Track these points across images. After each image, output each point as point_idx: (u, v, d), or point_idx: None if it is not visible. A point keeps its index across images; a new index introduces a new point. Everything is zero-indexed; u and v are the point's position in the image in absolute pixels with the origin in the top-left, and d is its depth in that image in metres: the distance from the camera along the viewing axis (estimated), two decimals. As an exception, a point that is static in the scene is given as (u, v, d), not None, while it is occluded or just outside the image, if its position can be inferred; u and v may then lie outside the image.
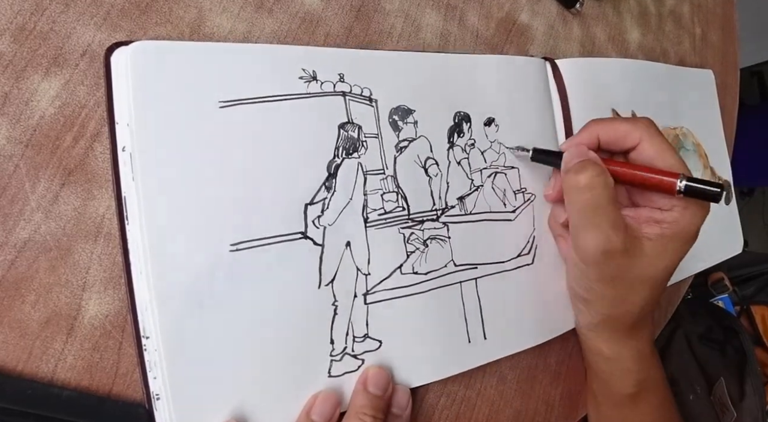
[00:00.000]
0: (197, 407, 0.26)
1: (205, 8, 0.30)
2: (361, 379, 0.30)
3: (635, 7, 0.55)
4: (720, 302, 0.95)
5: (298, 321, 0.29)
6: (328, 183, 0.30)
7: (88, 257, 0.26)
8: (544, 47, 0.45)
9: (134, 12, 0.28)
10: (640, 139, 0.34)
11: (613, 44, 0.52)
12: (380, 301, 0.32)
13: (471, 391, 0.36)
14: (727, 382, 0.77)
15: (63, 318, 0.25)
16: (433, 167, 0.35)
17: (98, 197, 0.26)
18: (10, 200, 0.24)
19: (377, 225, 0.32)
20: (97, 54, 0.26)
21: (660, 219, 0.34)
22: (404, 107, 0.34)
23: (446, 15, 0.39)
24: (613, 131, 0.35)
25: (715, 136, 0.59)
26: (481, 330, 0.35)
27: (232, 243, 0.27)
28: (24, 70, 0.25)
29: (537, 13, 0.46)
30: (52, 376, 0.24)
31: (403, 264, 0.32)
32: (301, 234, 0.29)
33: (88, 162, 0.26)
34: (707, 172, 0.57)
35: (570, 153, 0.34)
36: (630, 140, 0.34)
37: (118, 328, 0.26)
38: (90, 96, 0.26)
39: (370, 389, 0.30)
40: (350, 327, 0.30)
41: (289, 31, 0.32)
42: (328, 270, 0.30)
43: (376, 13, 0.36)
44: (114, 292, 0.26)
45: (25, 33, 0.25)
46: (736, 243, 0.59)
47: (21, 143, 0.25)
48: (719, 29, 0.66)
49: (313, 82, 0.30)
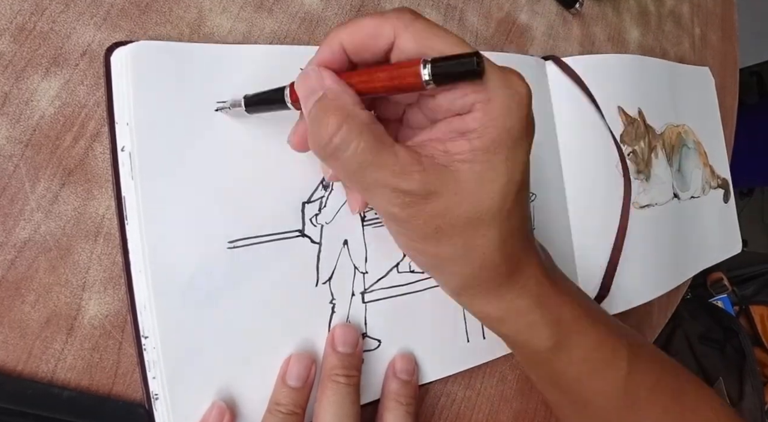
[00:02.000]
0: (195, 407, 0.26)
1: (205, 8, 0.30)
2: (328, 340, 0.29)
3: (635, 7, 0.55)
4: (719, 302, 0.95)
5: (295, 319, 0.29)
6: (326, 181, 0.30)
7: (87, 257, 0.26)
8: (544, 47, 0.45)
9: (134, 12, 0.28)
10: (394, 34, 0.24)
11: (613, 44, 0.52)
12: (378, 300, 0.32)
13: (471, 391, 0.37)
14: (726, 382, 0.77)
15: (63, 318, 0.25)
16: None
17: (98, 197, 0.26)
18: (10, 200, 0.24)
19: (374, 223, 0.32)
20: (96, 54, 0.27)
21: (463, 129, 0.24)
22: (404, 107, 0.34)
23: (446, 15, 0.40)
24: (357, 32, 0.25)
25: (715, 135, 0.59)
26: (480, 330, 0.35)
27: (230, 241, 0.27)
28: (24, 70, 0.25)
29: (537, 13, 0.46)
30: (52, 376, 0.24)
31: (400, 262, 0.33)
32: (298, 232, 0.29)
33: (87, 162, 0.26)
34: (707, 169, 0.57)
35: (301, 86, 0.25)
36: (383, 39, 0.24)
37: (118, 328, 0.26)
38: (90, 96, 0.26)
39: (339, 348, 0.29)
40: (349, 326, 0.30)
41: (288, 31, 0.32)
42: (326, 268, 0.30)
43: (376, 13, 0.36)
44: (114, 292, 0.26)
45: (25, 33, 0.25)
46: (735, 243, 0.59)
47: (21, 143, 0.25)
48: (719, 29, 0.66)
49: None
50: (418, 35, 0.23)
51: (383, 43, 0.24)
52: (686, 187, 0.53)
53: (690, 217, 0.53)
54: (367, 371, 0.31)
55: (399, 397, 0.31)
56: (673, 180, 0.51)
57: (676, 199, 0.51)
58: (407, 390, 0.31)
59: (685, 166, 0.54)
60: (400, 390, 0.31)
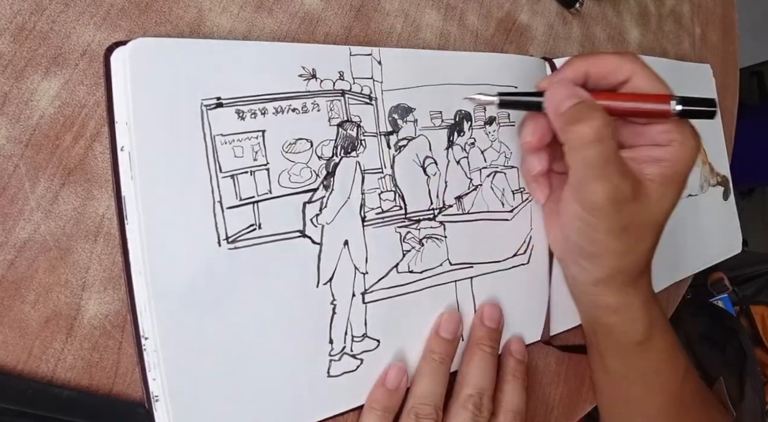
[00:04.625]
0: (195, 409, 0.26)
1: (205, 8, 0.30)
2: (478, 315, 0.35)
3: (635, 7, 0.55)
4: (720, 302, 0.95)
5: (296, 320, 0.29)
6: (326, 181, 0.30)
7: (87, 257, 0.26)
8: (544, 47, 0.45)
9: (134, 12, 0.28)
10: (631, 73, 0.32)
11: (613, 44, 0.52)
12: (378, 300, 0.32)
13: (470, 391, 0.36)
14: (726, 382, 0.77)
15: (63, 318, 0.25)
16: (431, 166, 0.35)
17: (98, 197, 0.26)
18: (9, 200, 0.24)
19: (374, 224, 0.32)
20: (96, 54, 0.27)
21: (659, 158, 0.32)
22: (404, 105, 0.34)
23: (446, 15, 0.40)
24: (602, 65, 0.32)
25: (714, 131, 0.59)
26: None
27: (230, 242, 0.27)
28: (24, 70, 0.25)
29: (537, 13, 0.46)
30: (52, 376, 0.24)
31: (399, 263, 0.33)
32: (299, 232, 0.29)
33: (87, 162, 0.26)
34: (706, 167, 0.57)
35: (558, 92, 0.31)
36: (621, 74, 0.32)
37: (118, 328, 0.26)
38: (90, 96, 0.26)
39: (487, 322, 0.34)
40: (349, 326, 0.30)
41: (288, 31, 0.32)
42: (327, 269, 0.30)
43: (376, 13, 0.36)
44: (114, 292, 0.26)
45: (25, 33, 0.25)
46: (735, 243, 0.59)
47: (21, 143, 0.25)
48: (719, 29, 0.66)
49: (313, 79, 0.30)
50: (652, 80, 0.32)
51: (621, 78, 0.32)
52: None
53: (688, 216, 0.53)
54: (367, 371, 0.31)
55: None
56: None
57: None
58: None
59: (684, 164, 0.53)
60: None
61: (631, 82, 0.32)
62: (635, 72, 0.32)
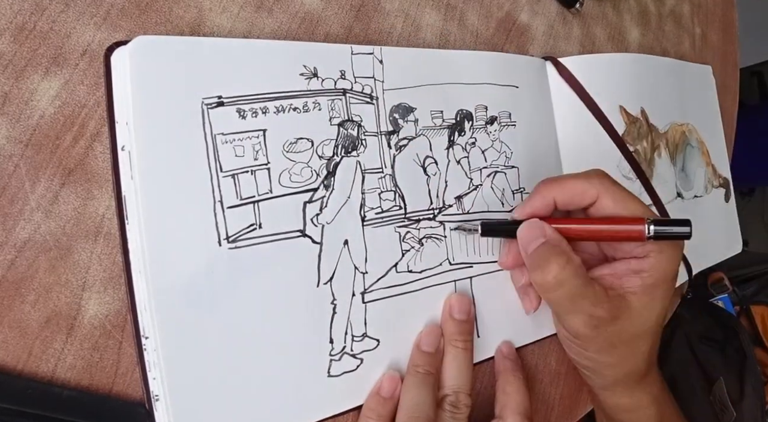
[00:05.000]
0: (195, 409, 0.26)
1: (205, 8, 0.30)
2: (445, 309, 0.34)
3: (635, 7, 0.55)
4: (720, 302, 0.95)
5: (297, 319, 0.29)
6: (327, 181, 0.30)
7: (87, 257, 0.26)
8: (544, 47, 0.45)
9: (134, 12, 0.28)
10: (597, 195, 0.32)
11: (613, 44, 0.52)
12: (378, 300, 0.32)
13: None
14: (726, 382, 0.77)
15: (63, 318, 0.25)
16: (431, 166, 0.35)
17: (98, 197, 0.26)
18: (10, 200, 0.24)
19: (374, 223, 0.32)
20: (96, 54, 0.26)
21: (638, 269, 0.32)
22: (405, 105, 0.34)
23: (446, 15, 0.39)
24: (568, 191, 0.33)
25: (715, 134, 0.59)
26: (475, 329, 0.35)
27: (231, 241, 0.27)
28: (24, 70, 0.25)
29: (537, 12, 0.46)
30: (52, 376, 0.24)
31: (398, 262, 0.33)
32: (299, 232, 0.29)
33: (88, 161, 0.26)
34: (709, 169, 0.57)
35: (525, 235, 0.33)
36: (588, 197, 0.33)
37: (118, 328, 0.26)
38: (90, 95, 0.26)
39: (456, 315, 0.34)
40: (349, 326, 0.30)
41: (288, 31, 0.32)
42: (327, 269, 0.30)
43: (376, 13, 0.36)
44: (114, 292, 0.26)
45: (25, 33, 0.25)
46: (735, 243, 0.59)
47: (21, 143, 0.25)
48: (719, 29, 0.66)
49: (314, 78, 0.30)
50: (618, 198, 0.32)
51: (588, 201, 0.33)
52: (690, 186, 0.53)
53: (693, 216, 0.53)
54: (367, 370, 0.31)
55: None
56: (676, 179, 0.51)
57: (680, 198, 0.51)
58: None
59: (689, 165, 0.54)
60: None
61: (598, 202, 0.33)
62: (602, 193, 0.32)
